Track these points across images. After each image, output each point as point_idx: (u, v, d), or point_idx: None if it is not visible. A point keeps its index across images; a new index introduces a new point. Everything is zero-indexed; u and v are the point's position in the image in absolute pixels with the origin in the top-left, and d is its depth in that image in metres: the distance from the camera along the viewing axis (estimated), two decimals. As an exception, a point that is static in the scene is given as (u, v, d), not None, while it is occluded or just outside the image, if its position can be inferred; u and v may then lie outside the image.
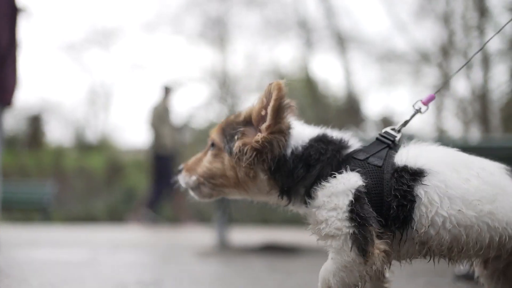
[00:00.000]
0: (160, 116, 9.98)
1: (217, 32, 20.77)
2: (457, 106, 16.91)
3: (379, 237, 1.31)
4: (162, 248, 5.79)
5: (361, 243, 1.29)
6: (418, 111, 1.55)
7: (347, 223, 1.31)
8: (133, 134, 35.57)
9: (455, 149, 1.45)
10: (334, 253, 1.36)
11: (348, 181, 1.33)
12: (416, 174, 1.33)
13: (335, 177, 1.34)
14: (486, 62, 14.19)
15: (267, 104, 1.43)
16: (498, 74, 14.72)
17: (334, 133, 1.50)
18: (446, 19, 16.04)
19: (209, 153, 1.57)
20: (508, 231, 1.30)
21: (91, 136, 23.53)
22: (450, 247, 1.34)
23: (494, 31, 13.45)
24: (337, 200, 1.32)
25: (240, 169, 1.46)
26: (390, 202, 1.33)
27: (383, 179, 1.34)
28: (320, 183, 1.36)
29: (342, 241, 1.32)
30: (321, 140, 1.44)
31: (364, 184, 1.32)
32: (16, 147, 19.71)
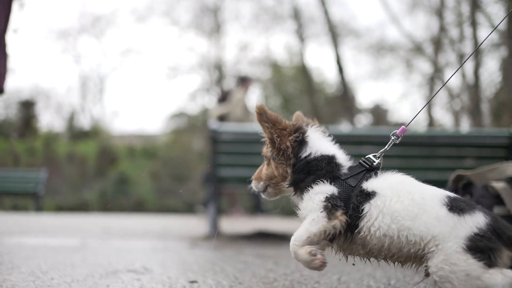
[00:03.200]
0: (244, 108, 9.77)
1: (211, 21, 20.68)
2: (448, 96, 16.95)
3: (343, 213, 1.73)
4: (154, 236, 5.81)
5: (329, 208, 1.73)
6: (393, 140, 1.95)
7: (321, 204, 1.75)
8: (126, 120, 35.46)
9: (413, 180, 1.80)
10: (305, 220, 1.78)
11: (329, 189, 1.78)
12: (369, 195, 1.74)
13: (321, 183, 1.80)
14: (477, 53, 14.19)
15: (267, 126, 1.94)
16: (490, 64, 14.74)
17: (340, 155, 1.90)
18: (438, 11, 16.04)
19: (265, 164, 2.04)
20: (421, 245, 1.63)
21: (83, 122, 23.42)
22: (380, 251, 1.71)
23: (486, 23, 13.46)
24: (317, 197, 1.78)
25: (279, 166, 1.95)
26: (349, 211, 1.74)
27: (350, 196, 1.77)
28: (311, 186, 1.80)
29: (315, 210, 1.75)
30: (325, 159, 1.86)
31: (336, 195, 1.76)
32: (7, 133, 19.59)
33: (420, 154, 5.62)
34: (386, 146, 1.95)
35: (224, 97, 10.10)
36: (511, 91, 10.55)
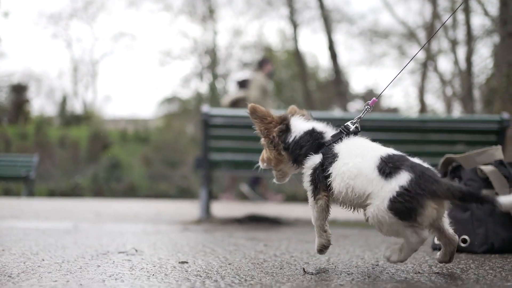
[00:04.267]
0: (263, 90, 9.68)
1: (204, 6, 20.53)
2: (440, 83, 16.97)
3: (323, 190, 2.17)
4: (145, 220, 5.83)
5: (315, 192, 2.19)
6: (367, 109, 2.32)
7: (309, 183, 2.20)
8: (118, 104, 35.26)
9: (370, 143, 2.16)
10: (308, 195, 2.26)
11: (314, 160, 2.19)
12: (334, 157, 2.13)
13: (310, 157, 2.21)
14: (470, 40, 14.20)
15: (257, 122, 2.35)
16: (482, 51, 14.76)
17: (319, 126, 2.27)
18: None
19: (264, 149, 2.42)
20: (362, 198, 2.02)
21: (76, 107, 23.27)
22: (343, 201, 2.12)
23: (479, 10, 13.46)
24: (308, 172, 2.21)
25: (271, 151, 2.34)
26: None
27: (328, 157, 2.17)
28: (305, 158, 2.22)
29: (308, 192, 2.23)
30: (308, 133, 2.24)
31: (321, 161, 2.17)
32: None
33: (412, 139, 5.66)
34: (361, 114, 2.31)
35: (242, 84, 10.04)
36: (502, 78, 10.59)
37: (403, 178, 1.90)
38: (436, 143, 5.75)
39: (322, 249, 2.33)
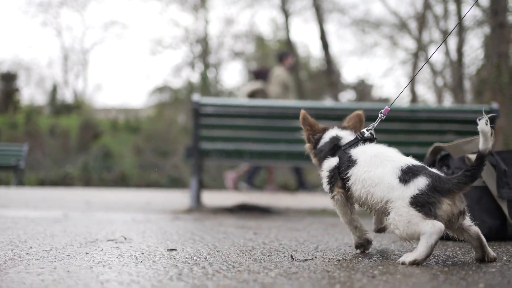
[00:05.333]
0: (284, 85, 9.58)
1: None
2: (431, 73, 17.00)
3: (338, 187, 2.37)
4: (136, 209, 5.82)
5: (331, 189, 2.38)
6: (381, 118, 2.48)
7: (326, 183, 2.41)
8: (109, 93, 35.07)
9: (388, 151, 2.31)
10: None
11: (331, 162, 2.40)
12: (352, 162, 2.30)
13: (327, 159, 2.44)
14: (461, 30, 14.22)
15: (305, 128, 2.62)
16: (473, 42, 14.79)
17: (341, 133, 2.50)
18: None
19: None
20: (381, 204, 2.18)
21: (66, 95, 23.12)
22: (363, 204, 2.29)
23: (470, 0, 13.46)
24: (325, 173, 2.41)
25: (312, 156, 2.61)
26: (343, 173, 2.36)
27: (344, 161, 2.36)
28: (324, 160, 2.45)
29: (327, 189, 2.42)
30: (330, 140, 2.48)
31: (337, 164, 2.37)
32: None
33: (403, 129, 5.68)
34: (375, 122, 2.47)
35: (259, 75, 9.93)
36: (492, 68, 10.63)
37: (421, 182, 2.10)
38: (426, 133, 5.77)
39: (358, 247, 2.46)
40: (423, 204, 2.06)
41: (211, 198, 7.73)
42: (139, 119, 22.26)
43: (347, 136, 2.48)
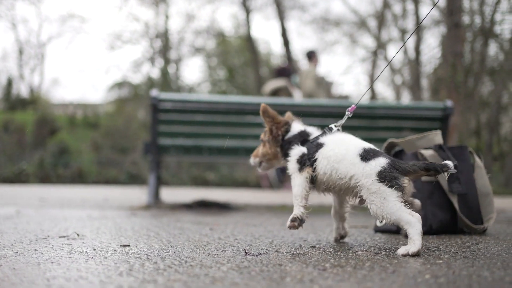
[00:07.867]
0: (317, 81, 9.57)
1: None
2: (390, 71, 17.30)
3: (308, 167, 2.45)
4: (92, 206, 5.72)
5: (300, 168, 2.45)
6: (347, 115, 2.65)
7: (295, 165, 2.48)
8: (67, 88, 34.31)
9: (351, 137, 2.50)
10: (293, 181, 2.49)
11: (301, 149, 2.50)
12: (320, 145, 2.46)
13: (295, 147, 2.54)
14: (419, 30, 14.52)
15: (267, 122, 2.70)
16: (430, 41, 15.11)
17: (309, 128, 2.63)
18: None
19: (261, 145, 2.77)
20: (345, 180, 2.34)
21: (21, 90, 22.49)
22: (327, 185, 2.43)
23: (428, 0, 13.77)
24: (294, 158, 2.50)
25: (272, 147, 2.70)
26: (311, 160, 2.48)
27: (312, 149, 2.49)
28: (290, 151, 2.54)
29: (294, 169, 2.48)
30: (299, 133, 2.60)
31: (306, 152, 2.48)
32: None
33: (361, 125, 5.76)
34: (342, 119, 2.63)
35: (281, 72, 9.98)
36: (448, 67, 10.90)
37: (382, 160, 2.29)
38: (384, 130, 5.86)
39: (295, 220, 2.42)
40: (390, 178, 2.23)
41: (170, 194, 7.66)
42: (98, 115, 21.87)
43: (315, 131, 2.62)
